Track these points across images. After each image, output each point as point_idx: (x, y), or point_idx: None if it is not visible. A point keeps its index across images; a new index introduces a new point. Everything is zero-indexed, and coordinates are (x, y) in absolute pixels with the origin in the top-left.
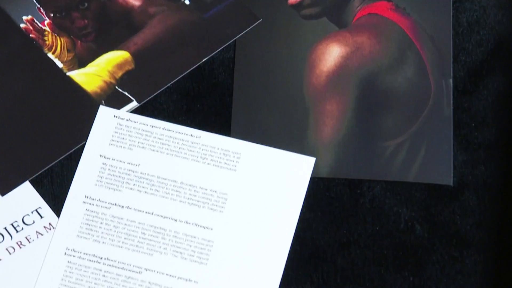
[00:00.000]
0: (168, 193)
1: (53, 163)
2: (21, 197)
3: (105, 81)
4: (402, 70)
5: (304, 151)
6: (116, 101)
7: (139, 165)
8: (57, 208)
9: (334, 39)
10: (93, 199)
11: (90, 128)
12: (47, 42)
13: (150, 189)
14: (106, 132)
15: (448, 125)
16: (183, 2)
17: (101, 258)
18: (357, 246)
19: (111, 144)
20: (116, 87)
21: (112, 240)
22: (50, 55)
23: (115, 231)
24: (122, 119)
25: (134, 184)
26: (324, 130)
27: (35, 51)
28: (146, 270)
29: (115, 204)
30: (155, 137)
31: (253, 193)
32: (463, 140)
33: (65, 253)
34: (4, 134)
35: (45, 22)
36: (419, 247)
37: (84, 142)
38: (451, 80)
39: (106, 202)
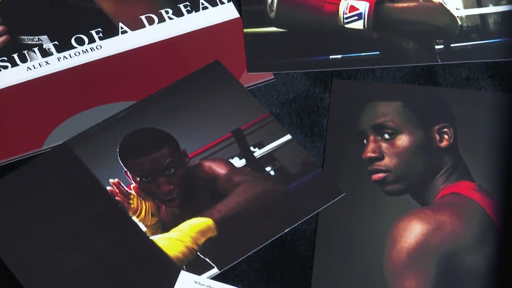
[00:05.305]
0: None
1: None
2: None
3: (187, 247)
4: (483, 251)
5: None
6: (197, 267)
7: None
8: None
9: (416, 216)
10: None
11: None
12: (132, 206)
13: None
14: None
15: None
16: (268, 173)
17: None
18: None
19: None
20: (198, 253)
21: None
22: (134, 218)
23: None
24: (202, 285)
25: None
26: None
27: (119, 213)
28: None
29: None
30: None
31: None
32: None
33: None
34: None
35: (131, 186)
36: None
37: None
38: None
39: None
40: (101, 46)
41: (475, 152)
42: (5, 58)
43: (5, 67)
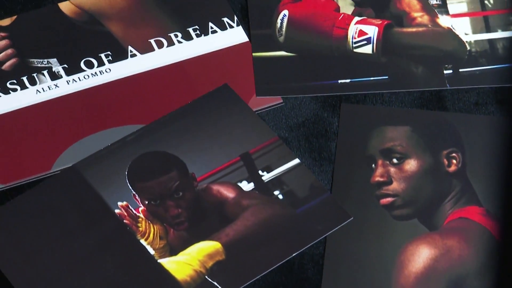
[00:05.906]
0: None
1: None
2: None
3: (195, 270)
4: (490, 276)
5: None
6: None
7: None
8: None
9: (424, 241)
10: None
11: None
12: (140, 229)
13: None
14: None
15: None
16: (276, 197)
17: None
18: None
19: None
20: (206, 277)
21: None
22: (142, 241)
23: None
24: None
25: None
26: None
27: (128, 236)
28: None
29: None
30: None
31: None
32: None
33: None
34: None
35: (140, 209)
36: None
37: None
38: None
39: None
40: (110, 69)
41: (483, 177)
42: (15, 81)
43: (15, 90)
